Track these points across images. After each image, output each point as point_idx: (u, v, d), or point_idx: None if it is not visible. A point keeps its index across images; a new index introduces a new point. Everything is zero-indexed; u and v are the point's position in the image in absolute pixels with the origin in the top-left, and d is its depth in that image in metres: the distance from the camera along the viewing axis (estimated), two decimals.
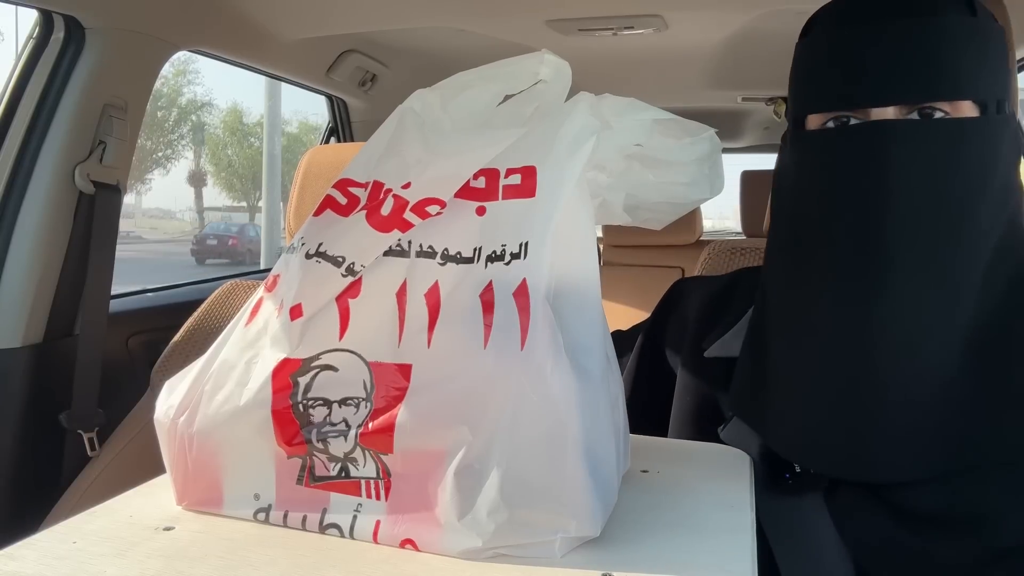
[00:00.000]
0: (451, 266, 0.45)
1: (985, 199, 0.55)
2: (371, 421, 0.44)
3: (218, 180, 25.16)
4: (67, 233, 1.21)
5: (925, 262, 0.54)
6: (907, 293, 0.54)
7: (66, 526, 0.46)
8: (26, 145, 1.18)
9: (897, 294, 0.54)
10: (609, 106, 0.48)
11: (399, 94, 0.52)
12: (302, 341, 0.46)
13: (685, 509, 0.49)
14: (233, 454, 0.46)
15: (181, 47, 1.33)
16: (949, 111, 0.56)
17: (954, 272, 0.55)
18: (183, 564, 0.41)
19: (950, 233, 0.54)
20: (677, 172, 0.53)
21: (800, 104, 0.62)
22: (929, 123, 0.55)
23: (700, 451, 0.62)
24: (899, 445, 0.55)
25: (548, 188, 0.45)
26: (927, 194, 0.54)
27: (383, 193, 0.47)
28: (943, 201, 0.54)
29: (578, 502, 0.42)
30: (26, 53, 1.20)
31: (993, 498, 0.56)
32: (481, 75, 0.51)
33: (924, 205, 0.54)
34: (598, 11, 1.40)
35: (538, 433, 0.42)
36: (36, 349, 1.19)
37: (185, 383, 0.48)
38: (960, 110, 0.56)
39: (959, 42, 0.55)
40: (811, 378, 0.58)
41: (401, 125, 0.50)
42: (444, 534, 0.43)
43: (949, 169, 0.54)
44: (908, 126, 0.55)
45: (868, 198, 0.55)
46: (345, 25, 1.52)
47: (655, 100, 0.53)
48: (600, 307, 0.47)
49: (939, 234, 0.54)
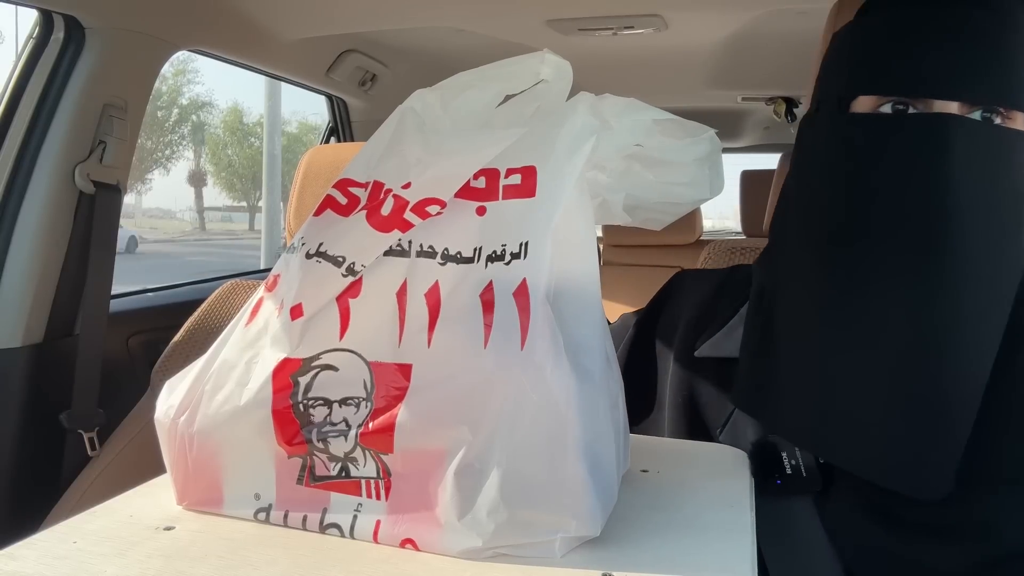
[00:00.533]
0: (451, 266, 0.45)
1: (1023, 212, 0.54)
2: (371, 421, 0.44)
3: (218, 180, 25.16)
4: (67, 233, 1.21)
5: (979, 266, 0.52)
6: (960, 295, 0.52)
7: (66, 526, 0.46)
8: (26, 145, 1.18)
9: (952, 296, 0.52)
10: (609, 106, 0.48)
11: (399, 94, 0.52)
12: (302, 341, 0.46)
13: (685, 509, 0.49)
14: (233, 454, 0.46)
15: (181, 47, 1.33)
16: (1005, 118, 0.54)
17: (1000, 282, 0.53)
18: (183, 564, 0.41)
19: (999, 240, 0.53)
20: (677, 172, 0.53)
21: (851, 85, 0.58)
22: (992, 127, 0.54)
23: (700, 451, 0.62)
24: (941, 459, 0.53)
25: (548, 188, 0.45)
26: (983, 197, 0.52)
27: (383, 193, 0.47)
28: (995, 207, 0.53)
29: (578, 502, 0.42)
30: (26, 53, 1.20)
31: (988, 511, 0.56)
32: (482, 75, 0.51)
33: (980, 208, 0.52)
34: (598, 11, 1.40)
35: (538, 433, 0.42)
36: (36, 349, 1.19)
37: (185, 383, 0.48)
38: (1014, 120, 0.54)
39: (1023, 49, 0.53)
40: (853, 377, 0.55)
41: (401, 125, 0.50)
42: (444, 534, 0.43)
43: (1002, 176, 0.53)
44: (975, 126, 0.53)
45: (931, 192, 0.52)
46: (345, 25, 1.52)
47: (655, 100, 0.52)
48: (600, 307, 0.47)
49: (990, 239, 0.53)
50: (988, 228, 0.53)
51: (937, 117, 0.53)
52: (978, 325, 0.53)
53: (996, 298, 0.53)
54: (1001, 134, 0.54)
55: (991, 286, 0.53)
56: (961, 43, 0.53)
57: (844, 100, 0.58)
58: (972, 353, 0.53)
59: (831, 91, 0.60)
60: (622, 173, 0.52)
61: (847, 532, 0.58)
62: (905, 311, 0.53)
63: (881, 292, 0.54)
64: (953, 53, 0.53)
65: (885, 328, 0.53)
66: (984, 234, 0.52)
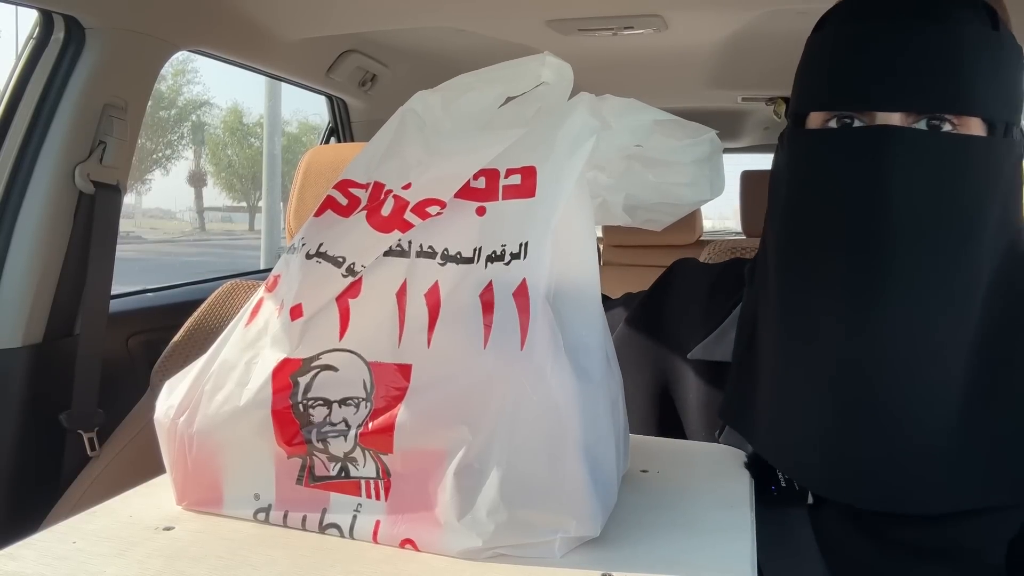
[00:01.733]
0: (451, 266, 0.45)
1: (983, 221, 0.53)
2: (371, 421, 0.44)
3: (218, 180, 25.17)
4: (67, 233, 1.21)
5: (924, 275, 0.52)
6: (905, 307, 0.52)
7: (66, 526, 0.46)
8: (26, 145, 1.17)
9: (895, 307, 0.52)
10: (609, 107, 0.48)
11: (399, 94, 0.52)
12: (302, 341, 0.46)
13: (685, 509, 0.49)
14: (233, 454, 0.46)
15: (181, 47, 1.33)
16: (956, 126, 0.53)
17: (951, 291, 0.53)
18: (183, 564, 0.41)
19: (949, 249, 0.52)
20: (677, 173, 0.53)
21: (803, 101, 0.59)
22: (936, 135, 0.53)
23: (700, 451, 0.62)
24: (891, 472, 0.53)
25: (548, 188, 0.45)
26: (929, 207, 0.52)
27: (383, 194, 0.47)
28: (943, 216, 0.52)
29: (578, 502, 0.42)
30: (26, 53, 1.20)
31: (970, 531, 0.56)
32: (483, 77, 0.51)
33: (926, 217, 0.52)
34: (598, 11, 1.40)
35: (538, 433, 0.42)
36: (36, 349, 1.19)
37: (185, 383, 0.48)
38: (968, 126, 0.54)
39: (977, 55, 0.53)
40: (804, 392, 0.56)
41: (402, 126, 0.50)
42: (444, 534, 0.43)
43: (951, 185, 0.52)
44: (915, 135, 0.53)
45: (870, 204, 0.52)
46: (345, 25, 1.52)
47: (655, 100, 0.52)
48: (600, 307, 0.47)
49: (939, 249, 0.52)
50: (936, 236, 0.52)
51: (878, 129, 0.54)
52: (929, 335, 0.52)
53: (948, 306, 0.53)
54: (947, 141, 0.53)
55: (941, 294, 0.52)
56: (902, 54, 0.53)
57: (799, 116, 0.59)
58: (923, 364, 0.52)
59: (792, 107, 0.61)
60: (622, 173, 0.52)
61: (837, 546, 0.59)
62: (844, 322, 0.53)
63: (825, 304, 0.54)
64: (894, 65, 0.53)
65: (828, 339, 0.54)
66: (932, 242, 0.52)
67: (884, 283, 0.52)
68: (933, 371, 0.53)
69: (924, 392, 0.53)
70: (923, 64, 0.53)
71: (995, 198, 0.54)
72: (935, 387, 0.53)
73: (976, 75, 0.53)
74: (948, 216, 0.52)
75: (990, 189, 0.54)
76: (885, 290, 0.52)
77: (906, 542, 0.57)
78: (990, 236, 0.54)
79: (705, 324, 0.70)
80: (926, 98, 0.53)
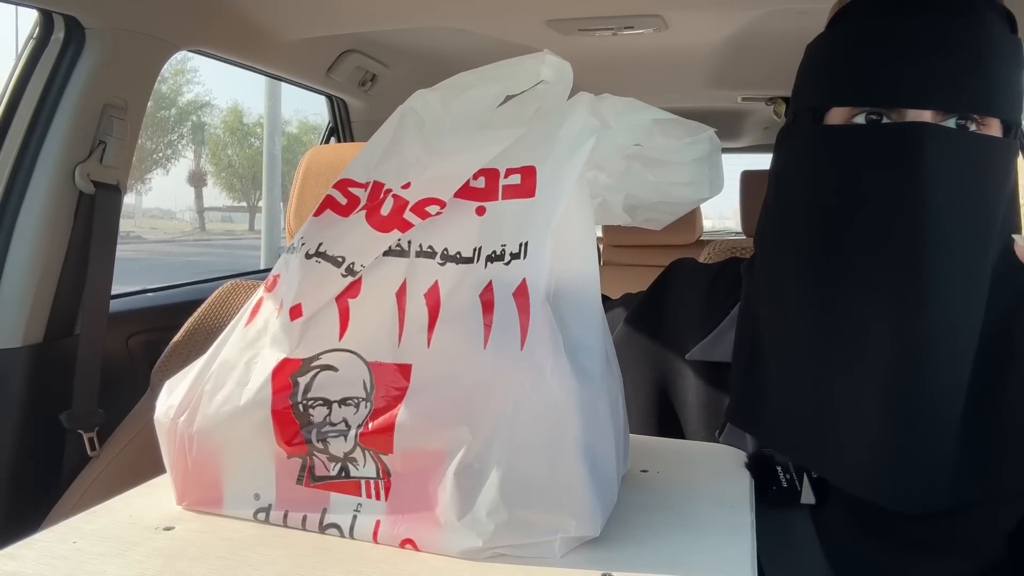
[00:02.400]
0: (451, 266, 0.45)
1: (997, 219, 0.54)
2: (371, 421, 0.44)
3: (218, 180, 25.17)
4: (67, 233, 1.21)
5: (960, 275, 0.52)
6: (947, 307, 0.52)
7: (66, 526, 0.46)
8: (26, 145, 1.17)
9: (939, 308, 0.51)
10: (609, 106, 0.48)
11: (399, 94, 0.52)
12: (302, 341, 0.46)
13: (685, 509, 0.49)
14: (233, 454, 0.46)
15: (181, 47, 1.33)
16: (980, 125, 0.53)
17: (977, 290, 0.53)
18: (183, 564, 0.41)
19: (978, 249, 0.53)
20: (677, 172, 0.53)
21: (821, 96, 0.58)
22: (968, 135, 0.53)
23: (700, 451, 0.62)
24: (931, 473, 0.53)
25: (548, 188, 0.45)
26: (961, 207, 0.52)
27: (383, 193, 0.47)
28: (971, 216, 0.52)
29: (578, 502, 0.42)
30: (26, 53, 1.20)
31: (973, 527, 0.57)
32: (482, 76, 0.51)
33: (960, 217, 0.52)
34: (598, 11, 1.40)
35: (538, 433, 0.42)
36: (36, 349, 1.19)
37: (185, 383, 0.48)
38: (989, 127, 0.54)
39: (1001, 56, 0.53)
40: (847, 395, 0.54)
41: (401, 125, 0.50)
42: (444, 534, 0.43)
43: (977, 185, 0.53)
44: (950, 134, 0.53)
45: (913, 203, 0.51)
46: (345, 25, 1.52)
47: (655, 100, 0.52)
48: (600, 307, 0.47)
49: (970, 248, 0.52)
50: (964, 235, 0.52)
51: (911, 126, 0.53)
52: (956, 334, 0.52)
53: (969, 307, 0.53)
54: (976, 141, 0.53)
55: (965, 295, 0.52)
56: (934, 51, 0.52)
57: (818, 111, 0.58)
58: (950, 364, 0.52)
59: (805, 102, 0.60)
60: (622, 173, 0.52)
61: (841, 543, 0.59)
62: (884, 323, 0.52)
63: (860, 304, 0.53)
64: (925, 61, 0.52)
65: (866, 341, 0.53)
66: (960, 242, 0.52)
67: (929, 285, 0.51)
68: (963, 369, 0.53)
69: (958, 391, 0.53)
70: (955, 62, 0.52)
71: (1004, 196, 0.55)
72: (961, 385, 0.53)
73: (1000, 76, 0.53)
74: (975, 216, 0.53)
75: (1002, 187, 0.55)
76: (931, 291, 0.51)
77: (912, 538, 0.57)
78: (997, 235, 0.54)
79: (703, 324, 0.70)
80: (959, 97, 0.53)
